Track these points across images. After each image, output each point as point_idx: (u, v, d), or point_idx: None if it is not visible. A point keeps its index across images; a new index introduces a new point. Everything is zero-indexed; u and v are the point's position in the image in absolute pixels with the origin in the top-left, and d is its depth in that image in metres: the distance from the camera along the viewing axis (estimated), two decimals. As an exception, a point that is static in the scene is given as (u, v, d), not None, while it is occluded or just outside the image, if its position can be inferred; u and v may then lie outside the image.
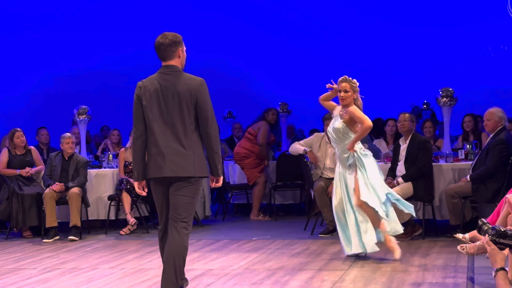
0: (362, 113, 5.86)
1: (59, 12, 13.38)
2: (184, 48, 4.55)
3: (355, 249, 5.89)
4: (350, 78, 5.94)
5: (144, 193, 4.57)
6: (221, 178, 4.51)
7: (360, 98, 5.99)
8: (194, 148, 4.35)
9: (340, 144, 5.99)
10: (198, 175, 4.36)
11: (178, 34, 4.51)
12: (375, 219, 5.85)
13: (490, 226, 3.96)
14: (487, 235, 3.94)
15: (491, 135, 6.90)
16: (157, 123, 4.37)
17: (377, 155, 8.19)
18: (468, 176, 6.85)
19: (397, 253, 5.83)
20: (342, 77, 5.96)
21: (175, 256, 4.27)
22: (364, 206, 5.84)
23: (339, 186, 6.03)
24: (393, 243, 5.86)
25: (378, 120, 10.15)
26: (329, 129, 6.08)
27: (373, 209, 5.78)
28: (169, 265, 4.27)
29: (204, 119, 4.33)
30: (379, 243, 5.86)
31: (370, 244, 5.82)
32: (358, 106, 5.92)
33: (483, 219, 4.07)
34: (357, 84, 5.95)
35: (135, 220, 7.89)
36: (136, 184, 4.54)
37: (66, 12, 13.42)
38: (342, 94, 5.91)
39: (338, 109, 6.06)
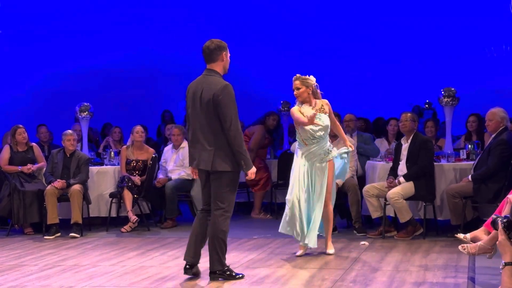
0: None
1: (63, 10, 13.38)
2: (228, 54, 5.16)
3: (306, 240, 6.04)
4: (303, 76, 6.11)
5: (195, 176, 5.34)
6: (251, 171, 5.06)
7: (319, 93, 6.17)
8: (216, 145, 4.99)
9: (325, 139, 6.12)
10: (218, 169, 4.98)
11: (223, 41, 5.16)
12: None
13: (502, 216, 3.99)
14: (499, 223, 3.95)
15: (493, 135, 6.90)
16: (191, 121, 5.13)
17: (376, 154, 8.20)
18: (469, 176, 6.85)
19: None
20: (294, 77, 6.15)
21: (214, 238, 5.04)
22: (330, 207, 6.21)
23: (303, 180, 6.05)
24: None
25: (379, 119, 10.15)
26: (316, 128, 6.03)
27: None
28: (211, 246, 5.08)
29: (224, 121, 4.94)
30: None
31: (314, 239, 6.07)
32: (317, 99, 6.15)
33: (497, 214, 4.09)
34: (310, 79, 6.10)
35: (136, 218, 7.91)
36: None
37: (70, 11, 13.42)
38: (295, 92, 6.11)
39: (308, 109, 6.08)
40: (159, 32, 13.68)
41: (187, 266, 5.25)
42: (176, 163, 8.46)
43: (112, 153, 8.62)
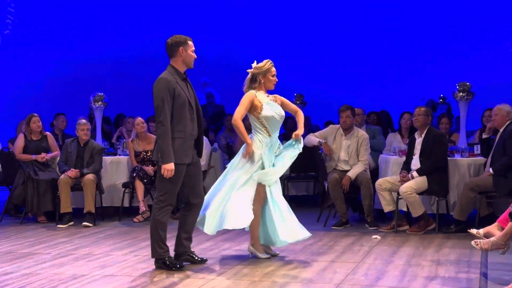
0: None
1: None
2: (190, 48, 5.28)
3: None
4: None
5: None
6: (165, 166, 5.14)
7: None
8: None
9: (278, 129, 5.82)
10: (155, 159, 5.32)
11: (183, 36, 5.32)
12: None
13: None
14: None
15: (501, 130, 6.89)
16: None
17: (382, 147, 8.18)
18: (490, 169, 6.79)
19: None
20: (271, 61, 5.78)
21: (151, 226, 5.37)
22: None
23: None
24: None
25: (383, 111, 10.07)
26: (275, 115, 5.72)
27: None
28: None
29: (155, 112, 5.21)
30: None
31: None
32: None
33: None
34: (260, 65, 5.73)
35: (144, 209, 7.87)
36: None
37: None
38: (275, 79, 5.78)
39: (265, 96, 5.77)
40: (172, 23, 13.69)
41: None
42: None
43: (126, 143, 8.65)
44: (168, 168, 5.14)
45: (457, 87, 7.73)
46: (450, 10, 13.31)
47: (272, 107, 5.71)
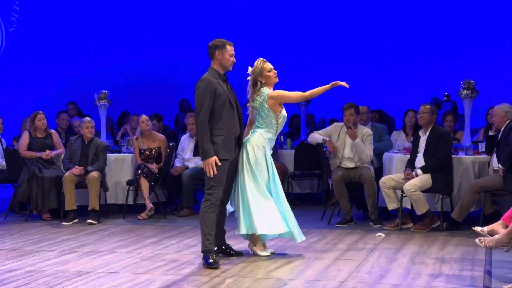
0: None
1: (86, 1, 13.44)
2: (228, 52, 5.46)
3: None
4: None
5: None
6: (206, 161, 5.32)
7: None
8: None
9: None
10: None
11: (222, 40, 5.52)
12: None
13: None
14: None
15: (502, 129, 6.89)
16: None
17: (389, 149, 8.17)
18: (499, 165, 6.74)
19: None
20: (262, 59, 5.78)
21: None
22: None
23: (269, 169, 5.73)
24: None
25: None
26: (285, 115, 5.81)
27: None
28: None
29: (195, 110, 5.42)
30: None
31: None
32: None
33: None
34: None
35: (152, 206, 7.93)
36: None
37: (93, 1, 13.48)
38: (275, 71, 5.79)
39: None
40: (179, 25, 13.71)
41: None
42: (193, 152, 8.48)
43: (130, 140, 8.67)
44: (209, 162, 5.31)
45: (462, 84, 7.71)
46: (454, 8, 13.28)
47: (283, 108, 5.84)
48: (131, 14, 13.67)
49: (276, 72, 5.79)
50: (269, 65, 5.76)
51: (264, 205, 5.59)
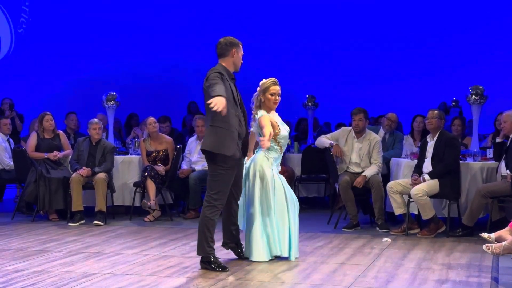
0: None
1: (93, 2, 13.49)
2: (240, 52, 5.36)
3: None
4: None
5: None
6: (214, 99, 4.85)
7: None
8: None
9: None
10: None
11: (237, 39, 5.38)
12: None
13: None
14: None
15: (511, 136, 6.87)
16: None
17: (398, 155, 8.16)
18: (508, 171, 6.72)
19: None
20: (274, 80, 5.66)
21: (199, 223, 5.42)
22: None
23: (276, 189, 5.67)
24: None
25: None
26: (287, 133, 5.76)
27: None
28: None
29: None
30: None
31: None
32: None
33: None
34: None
35: (150, 204, 7.84)
36: None
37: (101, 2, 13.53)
38: (278, 98, 5.67)
39: (275, 115, 5.73)
40: (185, 25, 13.73)
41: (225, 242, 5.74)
42: (200, 155, 8.47)
43: (137, 142, 8.68)
44: (217, 99, 4.80)
45: (470, 90, 7.69)
46: (463, 13, 13.26)
47: (282, 125, 5.72)
48: (140, 16, 13.72)
49: (278, 99, 5.62)
50: (276, 88, 5.62)
51: (254, 231, 5.59)
